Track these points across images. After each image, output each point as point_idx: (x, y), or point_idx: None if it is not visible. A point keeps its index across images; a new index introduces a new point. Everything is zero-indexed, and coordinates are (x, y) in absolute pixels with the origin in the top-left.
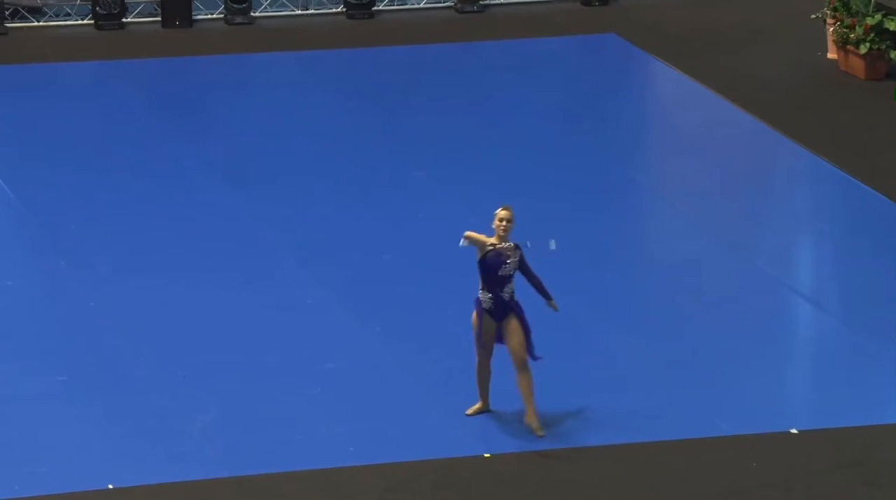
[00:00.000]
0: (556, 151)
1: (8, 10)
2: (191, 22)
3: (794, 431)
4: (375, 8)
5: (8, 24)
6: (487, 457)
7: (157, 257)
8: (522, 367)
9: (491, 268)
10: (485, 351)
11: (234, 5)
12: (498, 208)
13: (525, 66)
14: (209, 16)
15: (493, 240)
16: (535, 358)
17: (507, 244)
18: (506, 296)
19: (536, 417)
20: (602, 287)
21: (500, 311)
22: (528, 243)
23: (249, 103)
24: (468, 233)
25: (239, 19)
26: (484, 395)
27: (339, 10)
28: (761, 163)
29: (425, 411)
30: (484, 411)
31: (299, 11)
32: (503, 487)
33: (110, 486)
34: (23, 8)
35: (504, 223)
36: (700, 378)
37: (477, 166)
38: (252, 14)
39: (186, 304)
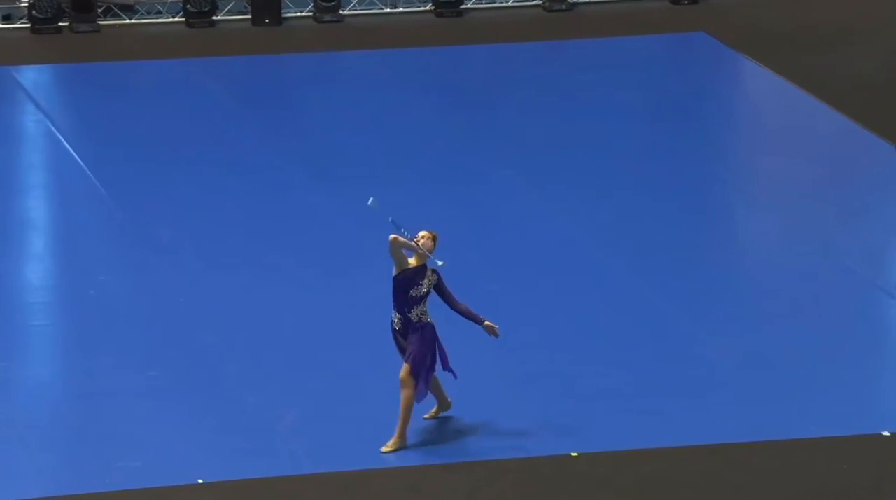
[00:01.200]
0: (644, 151)
1: (101, 7)
2: (280, 20)
3: (885, 433)
4: (464, 6)
5: (101, 22)
6: (574, 456)
7: (244, 253)
8: (402, 386)
9: (403, 287)
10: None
11: (324, 3)
12: (422, 231)
13: (612, 66)
14: (299, 14)
15: (412, 261)
16: (453, 374)
17: (426, 268)
18: (413, 317)
19: (397, 438)
20: (691, 287)
21: (406, 331)
22: (391, 219)
23: (337, 101)
24: (396, 238)
25: (328, 17)
26: (440, 398)
27: (427, 7)
28: (854, 164)
29: (510, 409)
30: (444, 410)
31: (388, 9)
32: (589, 486)
33: (199, 481)
34: (115, 6)
35: (427, 242)
36: (790, 379)
37: (563, 165)
38: (341, 12)
39: (274, 301)
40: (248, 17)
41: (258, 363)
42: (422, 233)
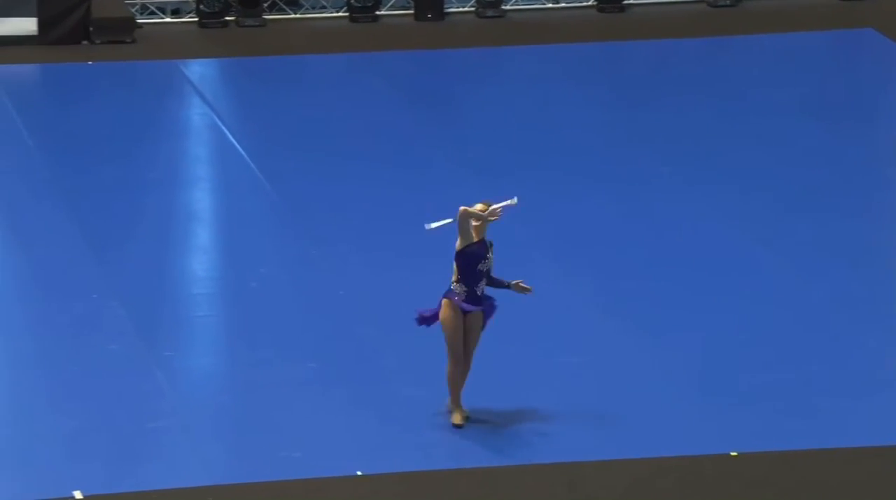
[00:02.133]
0: (808, 150)
1: (266, 2)
2: (442, 15)
3: None
4: (626, 1)
5: (266, 17)
6: (734, 456)
7: (403, 247)
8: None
9: (472, 261)
10: (459, 349)
11: None
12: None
13: (777, 62)
14: (461, 9)
15: (475, 236)
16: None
17: (486, 241)
18: (479, 291)
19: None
20: (854, 287)
21: (473, 305)
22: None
23: (498, 96)
24: (467, 209)
25: (490, 12)
26: (458, 399)
27: (590, 3)
28: None
29: (671, 406)
30: (466, 418)
31: (550, 4)
32: (748, 487)
33: (359, 473)
34: (281, 1)
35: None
36: None
37: (724, 164)
38: (503, 7)
39: (432, 295)
40: (411, 12)
41: (416, 356)
42: (478, 206)
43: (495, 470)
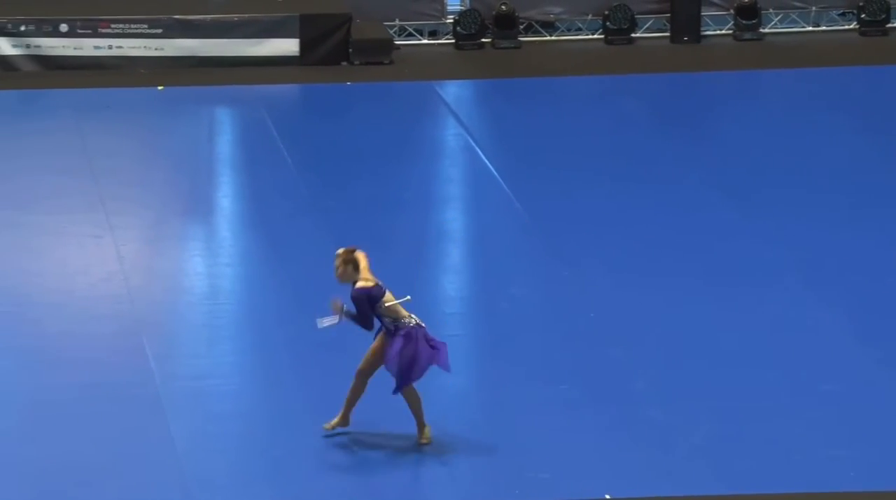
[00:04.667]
0: None
1: (522, 24)
2: (699, 37)
3: None
4: (891, 25)
5: (521, 38)
6: None
7: (656, 270)
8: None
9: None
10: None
11: (744, 21)
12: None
13: None
14: (718, 31)
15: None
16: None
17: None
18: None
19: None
20: None
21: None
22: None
23: (755, 119)
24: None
25: (748, 35)
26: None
27: (852, 27)
28: None
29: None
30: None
31: (810, 28)
32: None
33: (607, 496)
34: (537, 22)
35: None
36: None
37: None
38: (761, 30)
39: (684, 318)
40: (667, 34)
41: (666, 380)
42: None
43: (745, 498)
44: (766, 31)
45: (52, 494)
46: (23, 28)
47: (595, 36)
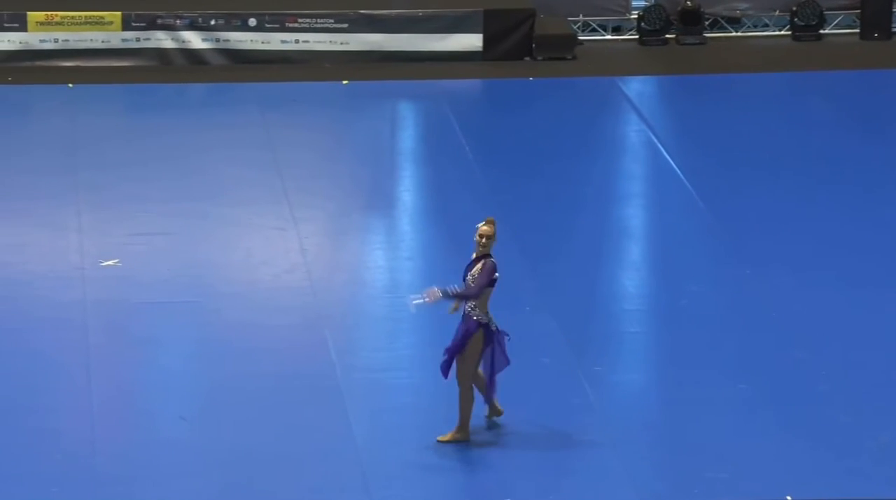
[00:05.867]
0: None
1: (708, 20)
2: (890, 34)
3: None
4: None
5: (707, 34)
6: None
7: (840, 272)
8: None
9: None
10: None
11: None
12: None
13: None
14: None
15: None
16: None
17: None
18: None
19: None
20: None
21: None
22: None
23: None
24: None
25: None
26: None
27: None
28: None
29: None
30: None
31: None
32: None
33: (788, 498)
34: (722, 18)
35: (483, 240)
36: None
37: None
38: None
39: (869, 320)
40: (857, 31)
41: (850, 382)
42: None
43: None
44: None
45: (235, 484)
46: (213, 22)
47: (782, 32)
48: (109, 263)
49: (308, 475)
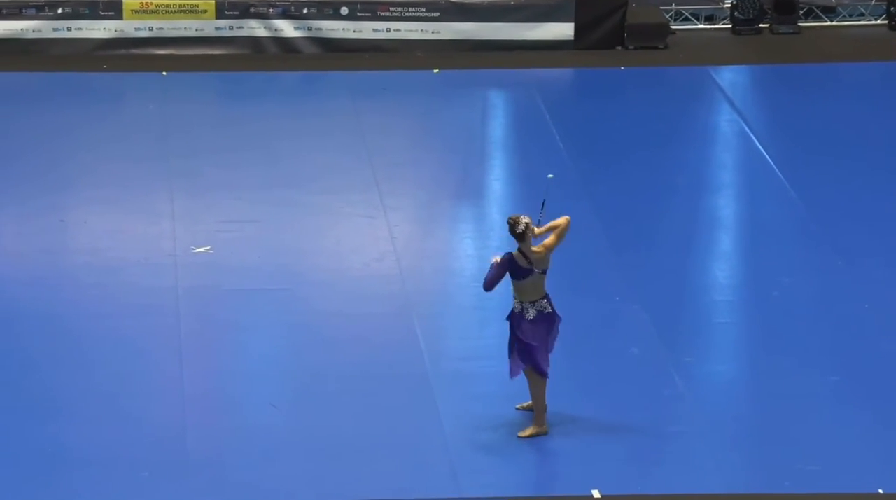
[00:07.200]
0: None
1: (802, 9)
2: None
3: None
4: None
5: (801, 24)
6: None
7: None
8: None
9: None
10: None
11: None
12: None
13: None
14: None
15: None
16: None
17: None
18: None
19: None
20: None
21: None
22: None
23: None
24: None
25: None
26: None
27: None
28: None
29: None
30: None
31: None
32: None
33: (880, 491)
34: (817, 7)
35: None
36: None
37: None
38: None
39: None
40: None
41: None
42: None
43: None
44: None
45: (324, 470)
46: (305, 11)
47: (878, 21)
48: (201, 249)
49: (396, 463)
